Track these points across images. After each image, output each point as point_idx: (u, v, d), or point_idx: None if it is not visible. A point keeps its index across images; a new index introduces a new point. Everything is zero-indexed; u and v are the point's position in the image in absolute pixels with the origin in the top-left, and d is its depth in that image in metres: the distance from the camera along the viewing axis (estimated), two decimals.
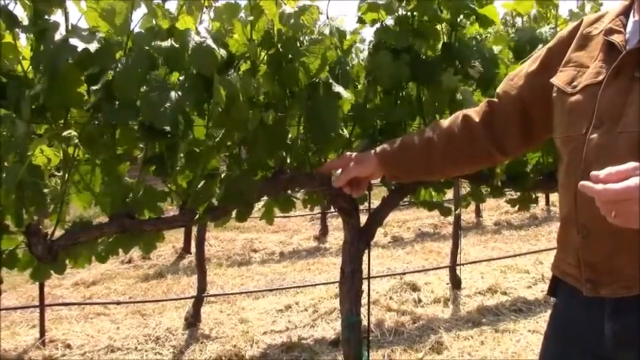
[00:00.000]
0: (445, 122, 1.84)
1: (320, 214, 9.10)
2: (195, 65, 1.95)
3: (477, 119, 1.78)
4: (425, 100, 2.48)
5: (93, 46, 1.79)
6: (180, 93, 1.90)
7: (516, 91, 1.71)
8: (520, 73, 1.74)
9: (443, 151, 1.79)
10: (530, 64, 1.72)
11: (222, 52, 2.01)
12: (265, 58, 2.22)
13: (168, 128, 1.89)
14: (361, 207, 2.62)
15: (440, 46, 2.50)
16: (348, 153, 1.95)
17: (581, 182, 1.18)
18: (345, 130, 2.46)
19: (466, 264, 6.55)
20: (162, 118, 1.83)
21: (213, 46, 1.95)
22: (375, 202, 2.59)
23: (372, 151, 1.89)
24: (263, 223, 2.67)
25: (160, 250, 7.97)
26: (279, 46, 2.20)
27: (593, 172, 1.18)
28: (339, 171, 1.98)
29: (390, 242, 8.63)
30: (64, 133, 1.81)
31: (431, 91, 2.45)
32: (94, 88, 1.88)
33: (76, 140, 1.84)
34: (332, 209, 3.78)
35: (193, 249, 7.04)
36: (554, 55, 1.63)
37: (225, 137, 2.21)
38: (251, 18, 2.15)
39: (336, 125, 2.31)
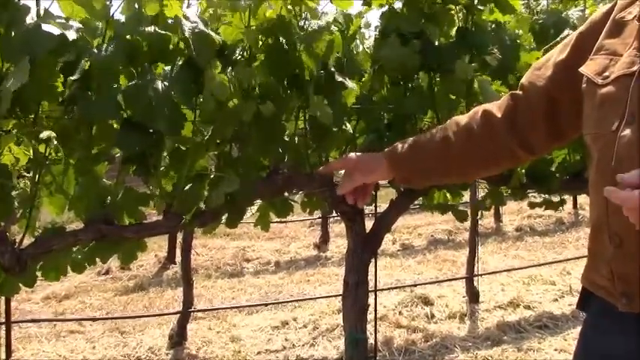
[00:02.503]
0: (462, 118, 1.83)
1: (320, 219, 9.10)
2: (194, 52, 1.97)
3: (498, 114, 1.77)
4: (437, 91, 2.49)
5: (71, 33, 1.79)
6: (166, 84, 1.90)
7: (543, 83, 1.69)
8: (548, 62, 1.72)
9: (461, 150, 1.78)
10: (558, 51, 1.70)
11: (218, 38, 2.02)
12: (263, 46, 2.24)
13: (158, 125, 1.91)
14: (366, 211, 2.63)
15: (454, 31, 2.52)
16: (352, 154, 1.94)
17: (607, 187, 1.17)
18: (348, 124, 2.46)
19: (485, 275, 6.55)
20: (147, 113, 1.86)
21: (208, 31, 1.96)
22: (382, 206, 2.60)
23: (381, 152, 1.89)
24: (257, 230, 2.68)
25: (142, 259, 7.98)
26: (279, 33, 2.23)
27: (620, 175, 1.17)
28: (343, 172, 2.00)
29: (399, 250, 8.64)
30: (44, 133, 1.80)
31: (444, 82, 2.47)
32: (70, 78, 1.89)
33: (50, 136, 1.83)
34: (334, 213, 3.78)
35: (178, 258, 7.05)
36: (586, 42, 1.60)
37: (215, 134, 2.23)
38: (250, 2, 2.17)
39: (338, 119, 2.33)
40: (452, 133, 1.79)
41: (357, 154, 1.94)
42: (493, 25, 2.55)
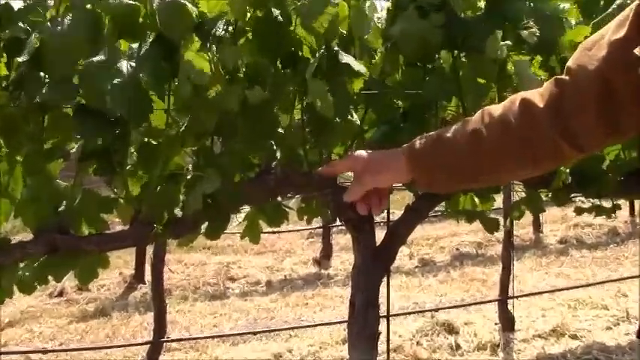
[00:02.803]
0: (496, 108, 1.83)
1: (321, 230, 9.07)
2: (162, 25, 1.97)
3: (540, 104, 1.76)
4: (463, 74, 2.46)
5: (17, 2, 1.79)
6: (133, 64, 1.92)
7: (596, 65, 1.68)
8: (601, 40, 1.70)
9: (495, 145, 1.79)
10: (614, 27, 1.69)
11: (195, 9, 2.03)
12: (252, 20, 2.23)
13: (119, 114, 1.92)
14: (377, 219, 2.62)
15: (483, 1, 2.49)
16: (361, 151, 1.95)
17: None
18: (354, 115, 2.44)
19: (521, 297, 6.54)
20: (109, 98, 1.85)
21: (183, 1, 1.96)
22: (397, 212, 2.59)
23: (397, 149, 1.89)
24: (244, 242, 2.68)
25: (103, 278, 7.97)
26: (271, 3, 2.23)
27: None
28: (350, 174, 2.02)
29: (417, 267, 8.65)
30: None
31: (471, 62, 2.44)
32: (18, 59, 1.89)
33: None
34: (337, 222, 3.76)
35: (148, 277, 7.04)
36: None
37: (193, 125, 2.22)
38: None
39: (343, 109, 2.30)
40: (483, 126, 1.79)
41: (367, 151, 1.95)
42: None
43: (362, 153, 1.94)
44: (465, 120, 1.86)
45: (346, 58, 2.23)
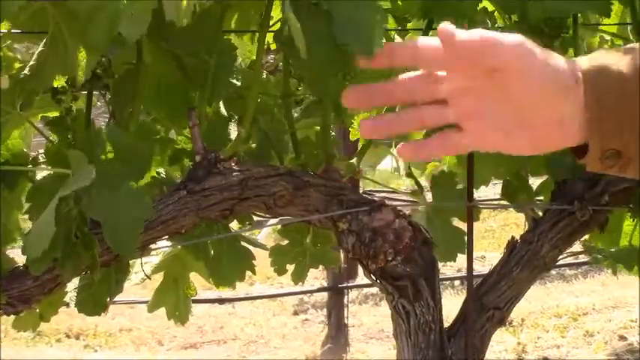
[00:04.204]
0: None
1: (325, 295, 6.12)
2: None
3: None
4: None
5: None
6: None
7: None
8: None
9: None
10: None
11: None
12: None
13: None
14: (446, 269, 2.03)
15: None
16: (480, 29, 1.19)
17: None
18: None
19: None
20: None
21: None
22: (490, 255, 1.83)
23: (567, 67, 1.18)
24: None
25: None
26: None
27: None
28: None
29: None
30: None
31: None
32: None
33: None
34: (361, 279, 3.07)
35: None
36: None
37: (41, 77, 1.68)
38: None
39: (371, 33, 1.64)
40: None
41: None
42: None
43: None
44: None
45: None
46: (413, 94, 1.19)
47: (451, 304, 2.23)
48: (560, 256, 2.08)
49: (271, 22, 1.78)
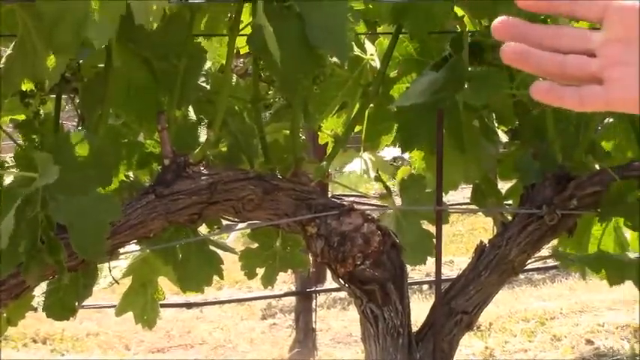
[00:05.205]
0: None
1: (293, 299, 6.79)
2: None
3: None
4: None
5: None
6: None
7: None
8: None
9: None
10: None
11: None
12: None
13: None
14: (417, 269, 1.90)
15: None
16: None
17: None
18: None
19: None
20: None
21: None
22: (457, 260, 1.78)
23: None
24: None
25: None
26: None
27: None
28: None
29: None
30: None
31: None
32: None
33: None
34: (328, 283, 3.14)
35: None
36: None
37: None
38: None
39: (344, 35, 1.73)
40: None
41: None
42: None
43: None
44: None
45: None
46: (559, 39, 1.13)
47: (419, 308, 2.23)
48: (529, 261, 2.09)
49: (241, 26, 1.77)
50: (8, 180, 1.73)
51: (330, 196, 2.55)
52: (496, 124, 2.07)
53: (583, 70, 1.06)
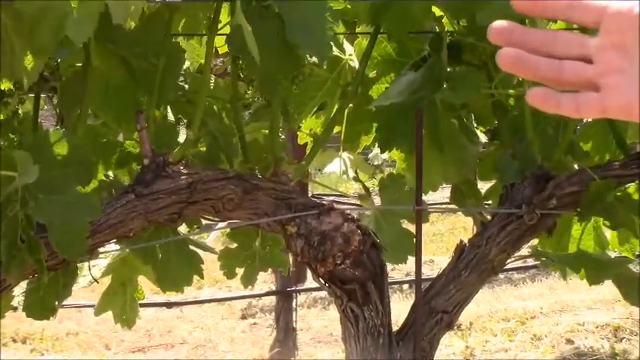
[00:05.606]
0: None
1: (273, 299, 6.77)
2: None
3: None
4: None
5: None
6: None
7: None
8: None
9: None
10: None
11: None
12: None
13: None
14: (393, 272, 1.83)
15: None
16: None
17: None
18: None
19: None
20: None
21: None
22: (438, 260, 1.74)
23: None
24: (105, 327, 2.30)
25: None
26: None
27: None
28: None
29: None
30: None
31: None
32: None
33: None
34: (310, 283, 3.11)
35: None
36: None
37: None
38: None
39: (324, 35, 1.73)
40: None
41: None
42: None
43: None
44: None
45: None
46: (555, 44, 1.11)
47: (400, 307, 2.22)
48: (509, 260, 2.08)
49: (220, 26, 1.76)
50: None
51: (309, 195, 2.55)
52: (475, 125, 2.07)
53: (579, 77, 1.06)
